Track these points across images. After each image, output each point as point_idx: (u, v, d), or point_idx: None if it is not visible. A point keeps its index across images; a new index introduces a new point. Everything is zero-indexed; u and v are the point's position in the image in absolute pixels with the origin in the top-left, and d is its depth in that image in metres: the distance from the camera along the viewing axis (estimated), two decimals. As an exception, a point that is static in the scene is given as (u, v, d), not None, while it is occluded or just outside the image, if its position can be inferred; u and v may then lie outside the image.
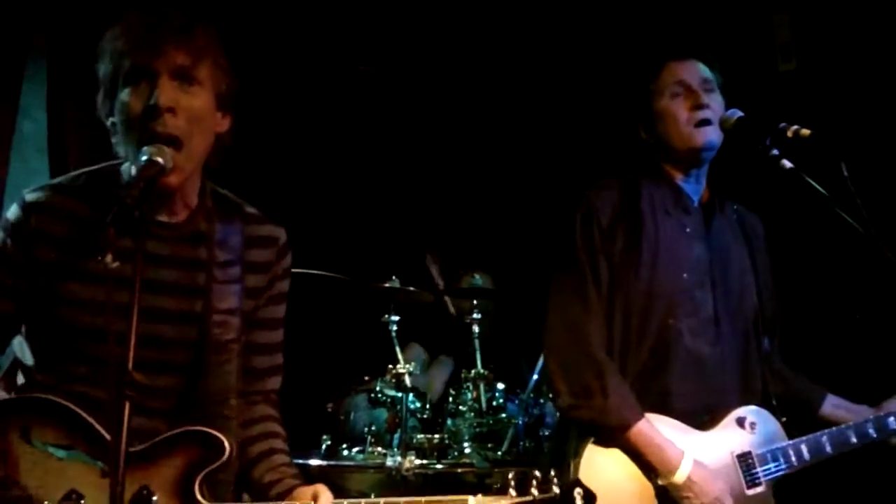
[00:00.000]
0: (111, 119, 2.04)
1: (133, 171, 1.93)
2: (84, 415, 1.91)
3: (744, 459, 2.59)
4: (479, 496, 1.96)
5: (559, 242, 2.64)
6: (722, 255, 2.69)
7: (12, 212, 2.01)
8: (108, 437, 1.76)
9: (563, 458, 2.52)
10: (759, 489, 2.57)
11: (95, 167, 2.11)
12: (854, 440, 2.65)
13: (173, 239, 2.05)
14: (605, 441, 2.49)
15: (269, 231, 2.20)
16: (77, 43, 4.10)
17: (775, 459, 2.60)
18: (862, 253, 2.26)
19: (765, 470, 2.59)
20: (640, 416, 2.47)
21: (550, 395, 3.59)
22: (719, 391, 2.61)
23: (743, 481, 2.57)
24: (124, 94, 1.99)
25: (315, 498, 1.99)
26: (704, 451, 2.55)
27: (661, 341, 2.56)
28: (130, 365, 1.70)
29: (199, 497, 1.91)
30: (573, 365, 2.51)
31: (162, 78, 1.98)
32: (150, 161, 1.94)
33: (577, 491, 1.94)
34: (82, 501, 1.86)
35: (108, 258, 1.91)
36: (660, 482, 2.47)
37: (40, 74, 4.06)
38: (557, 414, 3.62)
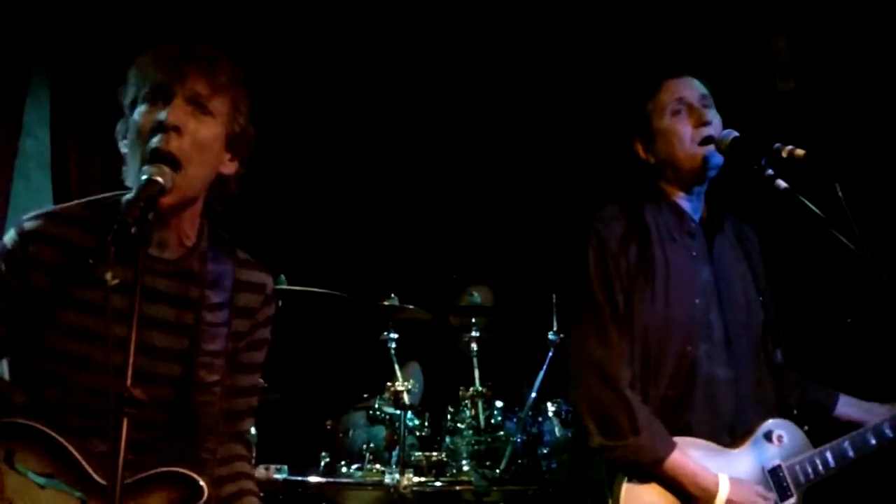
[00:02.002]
0: (124, 142, 2.06)
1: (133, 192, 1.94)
2: (65, 443, 1.92)
3: (774, 473, 2.60)
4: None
5: (572, 278, 2.62)
6: (726, 274, 2.68)
7: (9, 238, 2.03)
8: (88, 469, 1.87)
9: (596, 488, 2.51)
10: (790, 501, 2.59)
11: (97, 197, 2.12)
12: (873, 442, 2.67)
13: (167, 274, 2.06)
14: (640, 477, 2.48)
15: (259, 277, 2.21)
16: (81, 61, 4.14)
17: (804, 470, 2.62)
18: (855, 271, 2.27)
19: (795, 481, 2.60)
20: (673, 447, 2.47)
21: (554, 417, 3.61)
22: (736, 411, 2.62)
23: (776, 495, 2.57)
24: (138, 113, 2.02)
25: None
26: (736, 469, 2.56)
27: (680, 370, 2.55)
28: (129, 381, 1.71)
29: None
30: (601, 404, 2.49)
31: (176, 99, 2.00)
32: (150, 180, 1.94)
33: None
34: None
35: (109, 276, 1.94)
36: None
37: (43, 92, 4.09)
38: (558, 433, 3.65)
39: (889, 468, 2.87)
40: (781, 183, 2.40)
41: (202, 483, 1.96)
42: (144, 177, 1.95)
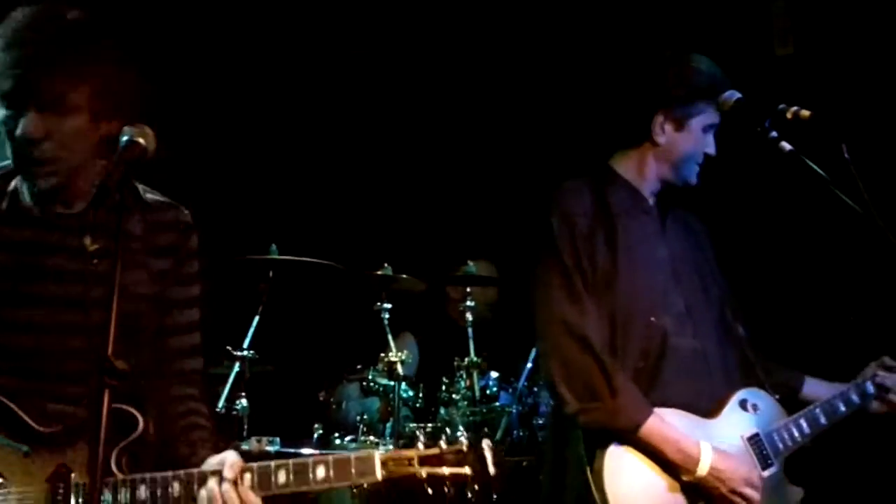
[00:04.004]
0: None
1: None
2: (7, 401, 1.97)
3: (754, 441, 2.59)
4: (387, 449, 2.14)
5: (538, 246, 2.61)
6: (680, 251, 2.70)
7: None
8: (30, 422, 1.96)
9: (576, 465, 2.48)
10: (772, 469, 2.58)
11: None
12: (843, 408, 2.70)
13: (73, 229, 2.07)
14: (621, 452, 2.45)
15: (174, 215, 2.21)
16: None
17: (781, 438, 2.62)
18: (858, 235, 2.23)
19: (774, 449, 2.59)
20: (651, 413, 2.45)
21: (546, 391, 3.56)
22: (707, 382, 2.60)
23: (757, 463, 2.56)
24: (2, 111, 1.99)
25: (222, 464, 2.00)
26: (715, 438, 2.53)
27: (650, 341, 2.55)
28: (110, 351, 1.72)
29: (114, 469, 1.97)
30: (576, 368, 2.46)
31: (30, 111, 1.96)
32: (131, 142, 1.93)
33: (486, 443, 1.98)
34: (3, 482, 1.95)
35: (87, 241, 1.92)
36: (685, 478, 2.45)
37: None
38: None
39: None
40: (786, 145, 2.36)
41: (136, 414, 2.00)
42: (125, 138, 1.94)
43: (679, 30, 4.12)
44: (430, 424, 3.71)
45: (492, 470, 1.98)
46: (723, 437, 2.54)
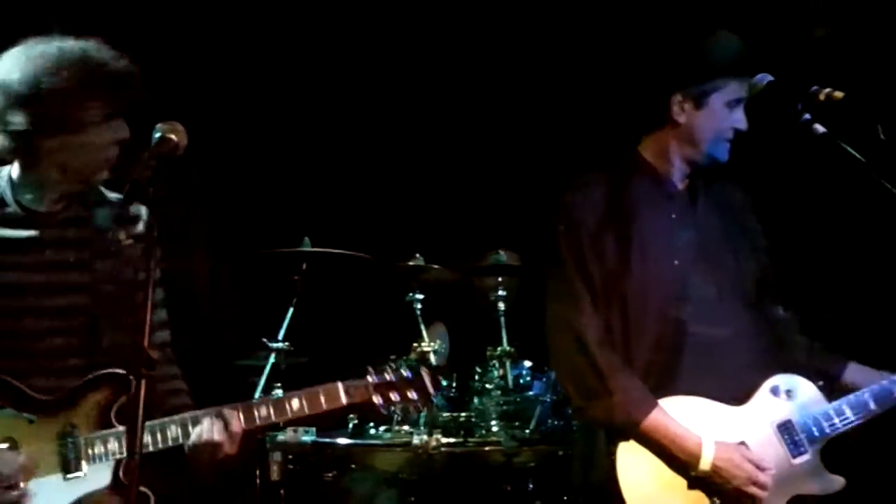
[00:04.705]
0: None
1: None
2: (8, 378, 2.21)
3: (785, 429, 2.54)
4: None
5: (546, 248, 2.63)
6: (712, 233, 2.65)
7: None
8: (31, 394, 2.22)
9: (598, 458, 2.51)
10: (805, 458, 2.52)
11: None
12: None
13: (56, 224, 2.32)
14: (624, 438, 2.46)
15: (136, 210, 2.38)
16: (97, 25, 4.09)
17: (817, 424, 2.55)
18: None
19: (809, 437, 2.53)
20: (652, 409, 2.43)
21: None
22: (737, 369, 2.57)
23: (788, 452, 2.52)
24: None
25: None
26: (741, 426, 2.51)
27: (665, 333, 2.53)
28: (146, 342, 1.77)
29: (115, 422, 2.25)
30: (575, 367, 2.50)
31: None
32: (164, 138, 1.99)
33: (424, 370, 2.47)
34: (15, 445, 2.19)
35: (122, 235, 1.99)
36: (688, 473, 2.44)
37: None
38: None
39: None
40: (819, 128, 2.32)
41: (131, 377, 2.11)
42: (157, 135, 1.99)
43: (712, 11, 4.07)
44: (463, 413, 3.72)
45: (431, 391, 2.49)
46: (748, 425, 2.51)
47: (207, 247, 4.53)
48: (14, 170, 2.34)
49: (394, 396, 2.45)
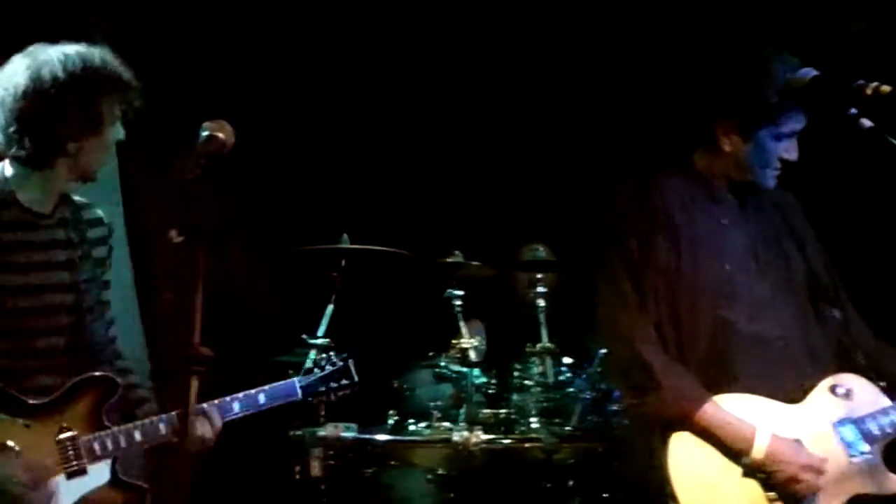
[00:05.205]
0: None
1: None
2: (0, 385, 2.28)
3: (843, 427, 2.52)
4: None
5: (596, 248, 2.65)
6: (763, 235, 2.66)
7: None
8: (23, 398, 2.29)
9: (646, 453, 2.51)
10: (864, 457, 2.50)
11: None
12: None
13: (47, 226, 2.42)
14: (677, 430, 2.46)
15: (97, 213, 2.56)
16: (138, 21, 4.14)
17: (878, 423, 2.52)
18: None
19: (868, 436, 2.51)
20: (703, 401, 2.44)
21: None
22: (792, 369, 2.56)
23: (846, 451, 2.50)
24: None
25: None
26: (797, 424, 2.50)
27: (716, 334, 2.53)
28: (198, 339, 1.78)
29: (106, 423, 2.37)
30: (625, 365, 2.52)
31: None
32: (212, 136, 2.02)
33: (351, 362, 2.86)
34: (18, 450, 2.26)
35: (174, 233, 2.03)
36: (743, 462, 2.43)
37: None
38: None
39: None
40: (866, 122, 2.29)
41: (113, 377, 2.39)
42: (205, 133, 2.01)
43: (754, 7, 4.03)
44: (502, 410, 3.71)
45: (356, 379, 2.86)
46: (804, 423, 2.49)
47: (246, 244, 4.57)
48: (8, 170, 2.39)
49: (332, 385, 2.80)
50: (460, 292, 3.96)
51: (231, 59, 4.44)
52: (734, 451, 2.43)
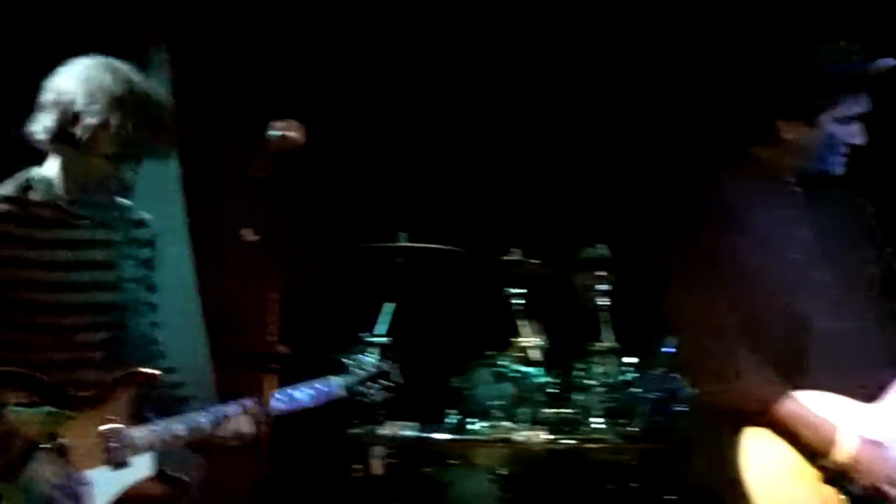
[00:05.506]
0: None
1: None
2: (44, 378, 2.33)
3: None
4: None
5: (678, 232, 2.60)
6: (831, 231, 2.59)
7: None
8: (70, 391, 2.34)
9: (716, 451, 2.45)
10: None
11: (20, 176, 2.49)
12: None
13: (87, 226, 2.47)
14: (753, 425, 2.39)
15: (141, 215, 2.60)
16: (200, 32, 4.19)
17: None
18: None
19: None
20: (782, 395, 2.37)
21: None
22: (865, 365, 2.48)
23: None
24: None
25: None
26: (874, 424, 2.42)
27: (789, 328, 2.47)
28: (276, 338, 1.80)
29: (148, 416, 2.43)
30: (704, 352, 2.45)
31: None
32: (283, 136, 2.05)
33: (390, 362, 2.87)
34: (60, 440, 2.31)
35: (248, 232, 2.05)
36: (822, 463, 2.36)
37: (161, 67, 4.11)
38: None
39: None
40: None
41: (153, 372, 2.43)
42: (276, 132, 2.04)
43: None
44: (565, 410, 3.68)
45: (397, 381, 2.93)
46: (882, 424, 2.42)
47: (305, 243, 4.59)
48: (52, 170, 2.43)
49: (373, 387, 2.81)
50: (519, 290, 3.93)
51: (288, 58, 4.46)
52: (814, 450, 2.35)
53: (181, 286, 4.00)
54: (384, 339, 3.83)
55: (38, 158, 2.50)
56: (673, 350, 3.52)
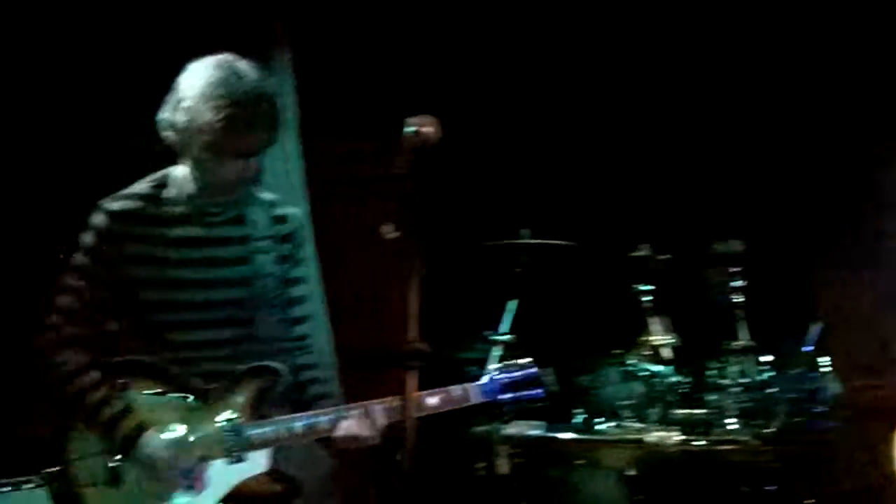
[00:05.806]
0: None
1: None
2: (170, 367, 2.38)
3: None
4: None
5: (831, 221, 2.45)
6: None
7: (100, 219, 2.39)
8: (193, 382, 2.37)
9: (866, 450, 2.31)
10: None
11: (158, 175, 2.51)
12: None
13: (220, 223, 2.47)
14: None
15: (284, 210, 2.56)
16: (321, 30, 4.23)
17: None
18: None
19: None
20: None
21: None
22: None
23: None
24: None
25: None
26: None
27: None
28: (416, 334, 1.77)
29: (269, 412, 2.40)
30: (855, 344, 2.31)
31: None
32: (419, 132, 2.04)
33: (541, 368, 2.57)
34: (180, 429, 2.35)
35: (389, 229, 2.02)
36: None
37: (287, 83, 4.16)
38: (834, 390, 3.36)
39: None
40: None
41: (279, 367, 2.41)
42: (412, 129, 2.02)
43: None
44: (697, 410, 3.57)
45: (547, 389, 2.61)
46: None
47: (430, 240, 4.59)
48: (185, 168, 2.44)
49: (517, 394, 2.55)
50: (648, 287, 3.83)
51: (413, 58, 4.48)
52: None
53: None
54: (508, 337, 3.80)
55: (175, 157, 2.54)
56: (812, 348, 3.41)
